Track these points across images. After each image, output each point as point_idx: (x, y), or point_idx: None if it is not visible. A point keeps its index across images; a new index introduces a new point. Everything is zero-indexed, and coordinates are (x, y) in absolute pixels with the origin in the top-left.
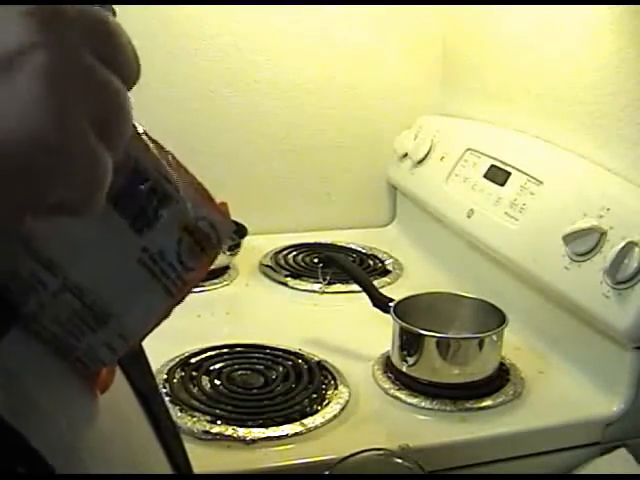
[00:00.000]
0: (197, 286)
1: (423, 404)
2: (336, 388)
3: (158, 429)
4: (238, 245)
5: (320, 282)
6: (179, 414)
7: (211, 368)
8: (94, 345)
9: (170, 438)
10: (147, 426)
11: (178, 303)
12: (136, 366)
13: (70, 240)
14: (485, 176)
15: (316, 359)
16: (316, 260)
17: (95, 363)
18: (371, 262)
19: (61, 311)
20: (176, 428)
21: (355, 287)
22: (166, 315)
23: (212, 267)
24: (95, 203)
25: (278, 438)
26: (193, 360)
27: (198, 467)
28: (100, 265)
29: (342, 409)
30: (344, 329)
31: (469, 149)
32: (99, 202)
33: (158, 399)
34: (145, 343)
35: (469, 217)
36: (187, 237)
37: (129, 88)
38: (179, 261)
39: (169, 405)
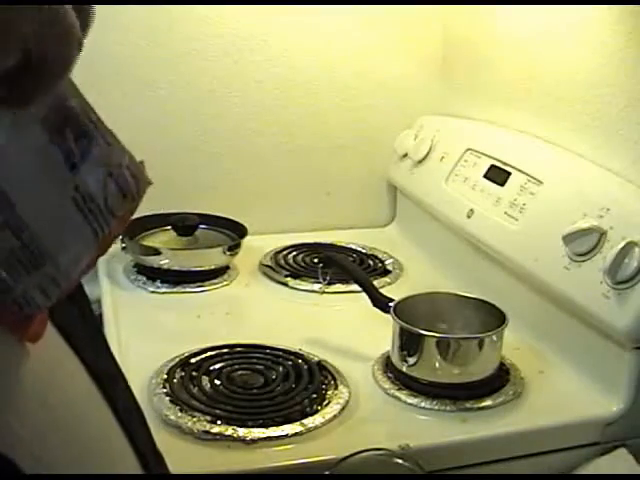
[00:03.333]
0: (196, 286)
1: (423, 404)
2: (336, 388)
3: (116, 412)
4: (238, 245)
5: (320, 282)
6: (179, 414)
7: (211, 368)
8: (29, 288)
9: (131, 420)
10: (103, 408)
11: (100, 255)
12: (91, 348)
13: (14, 173)
14: (485, 176)
15: (316, 359)
16: (316, 260)
17: (30, 306)
18: (371, 262)
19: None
20: (140, 410)
21: (355, 287)
22: (90, 266)
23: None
24: (70, 60)
25: (278, 438)
26: (193, 360)
27: (198, 467)
28: (39, 200)
29: (342, 409)
30: (344, 329)
31: (469, 149)
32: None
33: (116, 380)
34: (145, 343)
35: (469, 217)
36: (111, 182)
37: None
38: (105, 205)
39: (169, 405)
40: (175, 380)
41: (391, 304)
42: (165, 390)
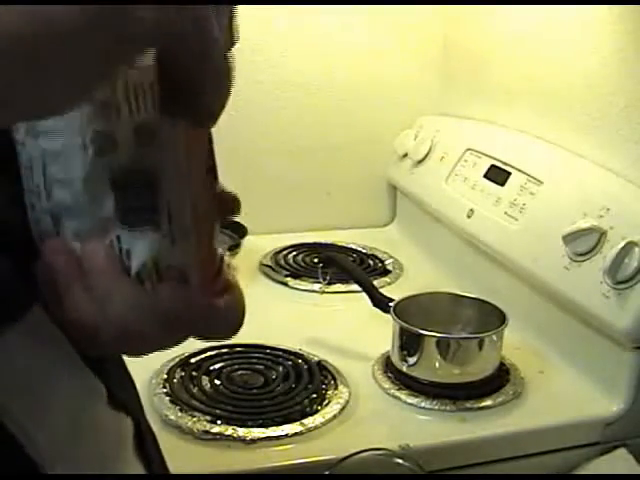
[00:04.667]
0: None
1: (423, 404)
2: (336, 388)
3: (139, 437)
4: (238, 245)
5: (320, 282)
6: (179, 414)
7: (211, 368)
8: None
9: (150, 446)
10: (129, 433)
11: None
12: (119, 380)
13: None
14: (485, 176)
15: (316, 359)
16: (316, 260)
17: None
18: (371, 262)
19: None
20: (154, 436)
21: (355, 287)
22: None
23: None
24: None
25: (278, 438)
26: (193, 360)
27: (198, 467)
28: None
29: (342, 409)
30: (344, 329)
31: (469, 149)
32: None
33: (139, 409)
34: None
35: (469, 217)
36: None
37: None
38: None
39: (169, 405)
40: (175, 380)
41: (391, 304)
42: (165, 390)
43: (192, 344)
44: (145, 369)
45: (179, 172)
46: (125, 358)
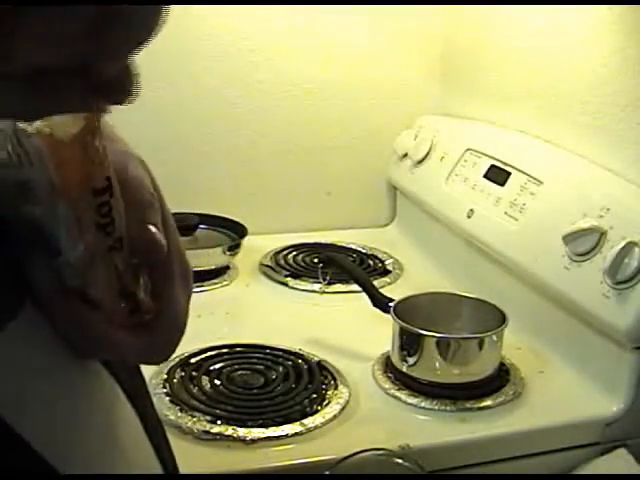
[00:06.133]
0: (196, 286)
1: (423, 404)
2: (336, 388)
3: (146, 427)
4: (238, 245)
5: (320, 282)
6: (179, 414)
7: (211, 368)
8: None
9: (157, 436)
10: (136, 423)
11: None
12: (124, 368)
13: None
14: (485, 176)
15: (316, 359)
16: (316, 260)
17: None
18: (371, 262)
19: None
20: (163, 428)
21: (355, 287)
22: None
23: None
24: None
25: (278, 438)
26: (193, 360)
27: (198, 467)
28: None
29: (342, 409)
30: (344, 329)
31: (469, 149)
32: None
33: (145, 396)
34: None
35: (469, 217)
36: None
37: None
38: None
39: (169, 405)
40: (175, 380)
41: (391, 304)
42: (165, 390)
43: (192, 344)
44: (145, 369)
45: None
46: None
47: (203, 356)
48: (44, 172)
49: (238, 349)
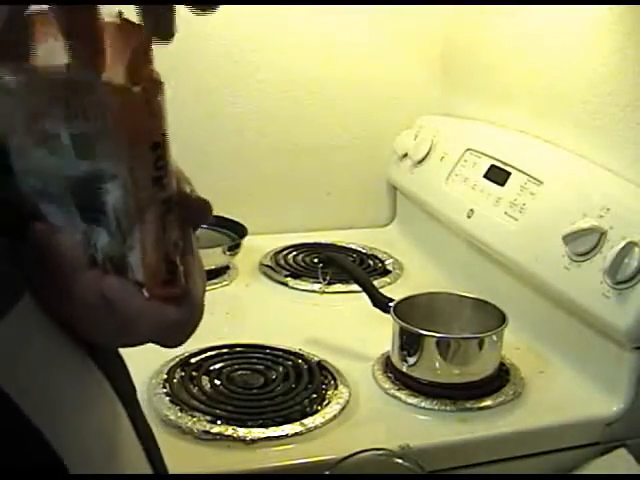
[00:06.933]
0: None
1: (423, 404)
2: (336, 388)
3: (136, 429)
4: (238, 245)
5: (320, 282)
6: (179, 414)
7: (211, 368)
8: None
9: (147, 441)
10: (127, 426)
11: None
12: (116, 370)
13: None
14: (485, 176)
15: (316, 359)
16: (316, 260)
17: None
18: (371, 262)
19: None
20: (152, 433)
21: (355, 287)
22: None
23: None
24: None
25: (278, 438)
26: (193, 360)
27: (198, 467)
28: None
29: (342, 409)
30: (344, 329)
31: (469, 149)
32: None
33: (135, 401)
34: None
35: (469, 217)
36: None
37: None
38: None
39: (169, 405)
40: (175, 380)
41: (391, 304)
42: (165, 390)
43: (192, 344)
44: (145, 369)
45: (122, 178)
46: (125, 358)
47: (203, 356)
48: (106, 126)
49: (238, 349)
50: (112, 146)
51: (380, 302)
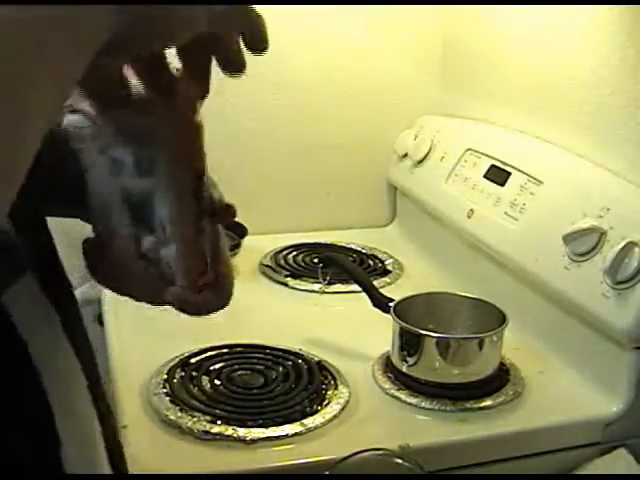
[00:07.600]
0: None
1: (423, 404)
2: (336, 388)
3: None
4: (238, 245)
5: (320, 282)
6: (179, 414)
7: (211, 368)
8: None
9: (107, 428)
10: (92, 414)
11: None
12: (87, 355)
13: None
14: (485, 176)
15: (316, 359)
16: (316, 260)
17: None
18: (371, 262)
19: None
20: (114, 419)
21: (355, 287)
22: None
23: None
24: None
25: (278, 438)
26: (193, 360)
27: (198, 467)
28: None
29: (342, 409)
30: (344, 329)
31: (469, 149)
32: None
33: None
34: (146, 343)
35: (469, 217)
36: None
37: None
38: None
39: (169, 405)
40: (175, 380)
41: (391, 304)
42: (165, 390)
43: (192, 344)
44: (145, 369)
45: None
46: (123, 361)
47: (203, 356)
48: (166, 149)
49: (238, 349)
50: (166, 165)
51: (380, 302)
